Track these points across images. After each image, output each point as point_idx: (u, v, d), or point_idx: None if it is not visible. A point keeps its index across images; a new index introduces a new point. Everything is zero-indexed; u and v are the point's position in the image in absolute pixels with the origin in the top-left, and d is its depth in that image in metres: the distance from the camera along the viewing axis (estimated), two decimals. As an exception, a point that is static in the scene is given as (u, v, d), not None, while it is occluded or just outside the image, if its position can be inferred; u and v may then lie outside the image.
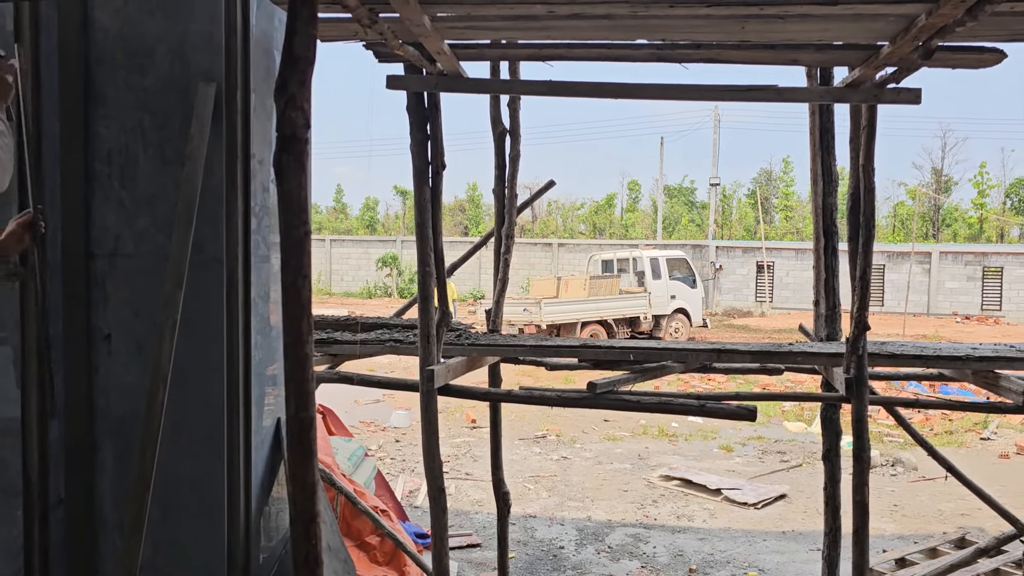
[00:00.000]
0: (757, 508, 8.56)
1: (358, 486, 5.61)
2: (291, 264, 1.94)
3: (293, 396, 1.95)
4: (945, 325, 26.39)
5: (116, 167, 2.98)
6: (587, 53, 3.27)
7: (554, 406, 3.91)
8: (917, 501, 8.78)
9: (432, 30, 2.91)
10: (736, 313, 30.13)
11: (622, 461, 10.54)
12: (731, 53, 3.18)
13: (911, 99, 3.32)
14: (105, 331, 3.00)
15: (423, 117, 3.65)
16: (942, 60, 3.03)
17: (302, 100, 1.93)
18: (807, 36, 2.96)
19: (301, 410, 1.95)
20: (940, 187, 48.24)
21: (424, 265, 3.72)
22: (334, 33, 3.04)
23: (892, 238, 41.48)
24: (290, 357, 1.95)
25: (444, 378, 3.76)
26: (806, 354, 3.89)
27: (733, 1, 2.56)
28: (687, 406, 3.64)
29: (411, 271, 34.78)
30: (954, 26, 2.56)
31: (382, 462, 10.37)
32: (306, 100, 1.94)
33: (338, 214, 57.57)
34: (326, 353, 4.17)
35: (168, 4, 2.91)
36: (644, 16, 2.72)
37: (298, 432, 1.95)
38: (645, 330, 21.40)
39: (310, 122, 1.94)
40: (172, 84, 2.93)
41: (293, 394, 1.95)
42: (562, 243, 36.05)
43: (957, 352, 3.77)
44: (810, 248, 4.37)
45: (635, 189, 57.51)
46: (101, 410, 3.00)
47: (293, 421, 1.95)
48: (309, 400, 1.96)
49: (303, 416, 1.95)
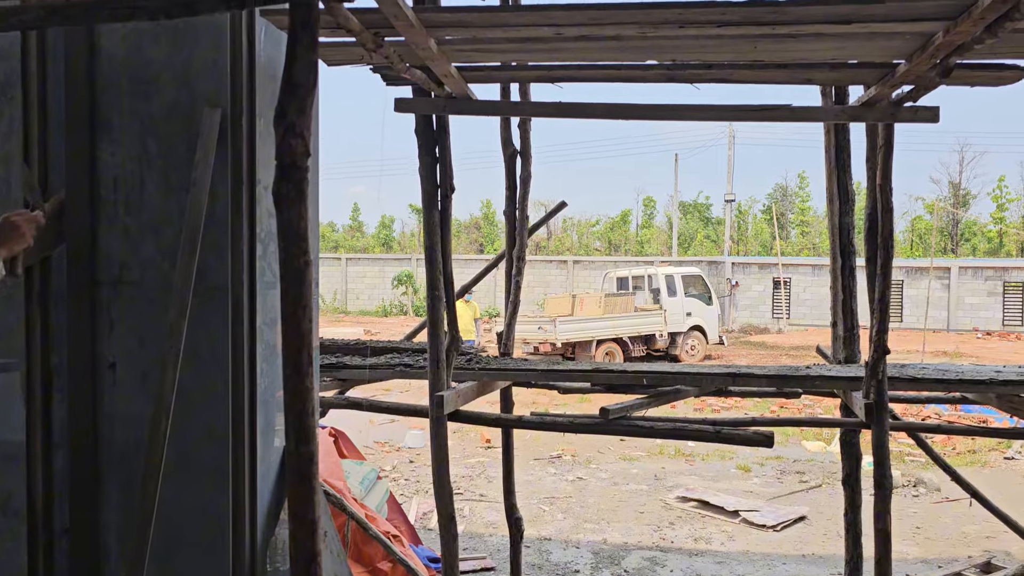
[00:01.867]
0: (776, 530, 8.40)
1: (370, 511, 5.54)
2: (291, 294, 1.90)
3: (293, 430, 1.90)
4: (966, 341, 26.05)
5: (121, 194, 2.95)
6: (597, 74, 3.23)
7: (566, 432, 3.83)
8: (940, 523, 8.59)
9: (439, 53, 2.88)
10: (753, 330, 29.89)
11: (638, 482, 10.41)
12: (743, 73, 3.12)
13: (929, 118, 3.25)
14: (110, 359, 2.97)
15: (432, 140, 3.62)
16: (960, 78, 2.96)
17: (302, 128, 1.89)
18: (821, 55, 2.90)
19: (302, 444, 1.90)
20: (958, 201, 47.84)
21: (433, 289, 3.68)
22: (340, 57, 3.02)
23: (911, 253, 41.13)
24: (290, 390, 1.90)
25: (454, 404, 3.70)
26: (824, 378, 3.80)
27: (744, 21, 2.50)
28: (702, 432, 3.56)
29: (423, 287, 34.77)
30: (972, 44, 2.50)
31: (396, 483, 10.30)
32: (306, 128, 1.90)
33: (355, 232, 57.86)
34: (335, 378, 4.12)
35: (173, 30, 2.89)
36: (654, 37, 2.67)
37: (298, 468, 1.90)
38: (661, 348, 21.24)
39: (310, 150, 1.90)
40: (177, 110, 2.91)
41: (293, 428, 1.90)
42: (577, 260, 35.97)
43: (980, 375, 3.66)
44: (827, 264, 4.30)
45: (650, 205, 57.43)
46: (105, 439, 2.96)
47: (293, 456, 1.90)
48: (310, 434, 1.91)
49: (304, 451, 1.90)
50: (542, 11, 2.48)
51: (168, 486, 2.87)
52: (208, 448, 2.93)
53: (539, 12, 2.48)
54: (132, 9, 1.91)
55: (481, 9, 2.54)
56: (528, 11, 2.50)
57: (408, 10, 2.39)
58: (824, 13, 2.44)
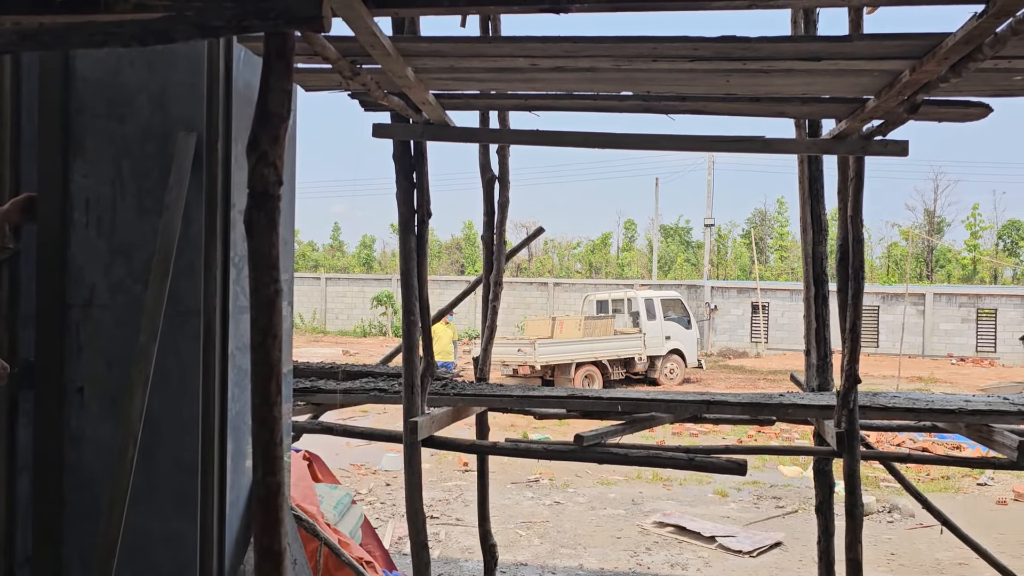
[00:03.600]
0: (752, 556, 8.40)
1: (343, 536, 5.47)
2: (260, 322, 1.89)
3: (260, 459, 1.89)
4: (940, 367, 26.31)
5: (93, 216, 2.93)
6: (573, 104, 3.26)
7: (540, 459, 3.82)
8: (914, 549, 8.63)
9: (416, 81, 2.90)
10: (731, 354, 30.02)
11: (616, 506, 10.37)
12: (717, 105, 3.16)
13: (898, 151, 3.31)
14: (78, 384, 2.93)
15: (409, 165, 3.63)
16: (928, 114, 3.02)
17: (274, 157, 1.89)
18: (792, 90, 2.95)
19: (268, 475, 1.88)
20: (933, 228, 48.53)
21: (409, 314, 3.67)
22: (318, 83, 3.03)
23: (887, 279, 41.56)
24: (258, 419, 1.89)
25: (428, 430, 3.68)
26: (797, 406, 3.83)
27: (716, 56, 2.54)
28: (676, 459, 3.56)
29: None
30: (938, 82, 2.55)
31: (371, 507, 10.19)
32: (279, 156, 1.90)
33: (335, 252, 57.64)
34: (309, 402, 4.09)
35: (149, 54, 2.89)
36: (628, 69, 2.71)
37: (265, 498, 1.88)
38: (640, 371, 21.27)
39: (282, 179, 1.90)
40: (152, 133, 2.90)
41: (260, 457, 1.88)
42: (557, 282, 36.03)
43: (949, 405, 3.70)
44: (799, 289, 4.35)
45: (631, 228, 57.70)
46: (71, 466, 2.92)
47: (260, 486, 1.88)
48: (277, 464, 1.89)
49: (270, 481, 1.88)
50: (518, 43, 2.50)
51: (135, 514, 2.82)
52: (176, 475, 2.89)
53: (515, 43, 2.51)
54: (106, 35, 1.91)
55: (458, 39, 2.56)
56: (505, 42, 2.53)
57: (385, 39, 2.40)
58: (795, 50, 2.48)
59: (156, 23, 1.91)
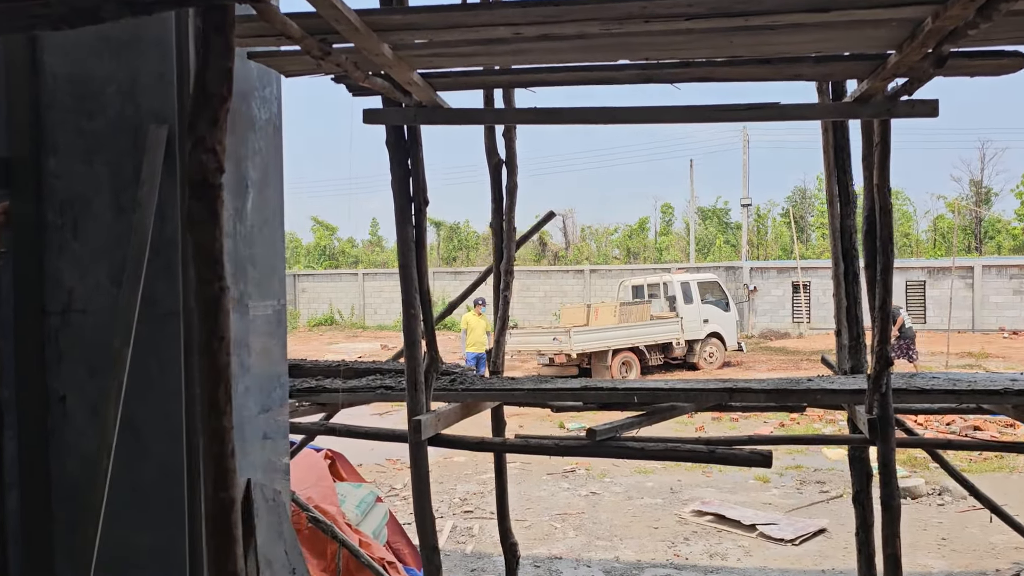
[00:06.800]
0: (795, 544, 8.12)
1: (364, 536, 5.36)
2: (206, 324, 1.73)
3: (211, 474, 1.73)
4: (992, 341, 25.46)
5: (69, 217, 2.81)
6: (567, 77, 3.05)
7: (552, 455, 3.64)
8: (967, 533, 8.26)
9: (396, 59, 2.71)
10: (773, 335, 29.45)
11: (653, 495, 10.15)
12: (724, 70, 2.92)
13: (927, 112, 3.03)
14: (60, 392, 2.82)
15: (403, 152, 3.46)
16: (957, 68, 2.75)
17: (213, 141, 1.72)
18: (804, 48, 2.70)
19: (220, 490, 1.73)
20: (980, 199, 47.05)
21: (409, 307, 3.50)
22: (297, 67, 2.86)
23: (933, 253, 40.43)
24: (207, 430, 1.73)
25: (434, 428, 3.51)
26: (826, 391, 3.58)
27: (713, 13, 2.31)
28: (696, 452, 3.34)
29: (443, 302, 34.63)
30: (965, 29, 2.29)
31: (406, 501, 10.10)
32: (218, 141, 1.73)
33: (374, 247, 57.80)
34: (314, 402, 3.95)
35: (118, 44, 2.75)
36: (619, 34, 2.49)
37: (217, 515, 1.72)
38: (679, 356, 20.91)
39: (223, 165, 1.73)
40: (123, 127, 2.76)
41: (211, 472, 1.73)
42: (594, 269, 35.68)
43: (994, 385, 3.42)
44: None
45: (668, 212, 56.87)
46: (57, 477, 2.81)
47: (211, 503, 1.73)
48: (229, 478, 1.73)
49: (223, 497, 1.72)
50: (497, 9, 2.31)
51: (121, 525, 2.71)
52: (163, 483, 2.76)
53: (493, 11, 2.31)
54: (32, 18, 1.76)
55: (431, 9, 2.37)
56: (482, 9, 2.33)
57: (350, 13, 2.22)
58: (800, 1, 2.24)
59: (84, 2, 1.75)
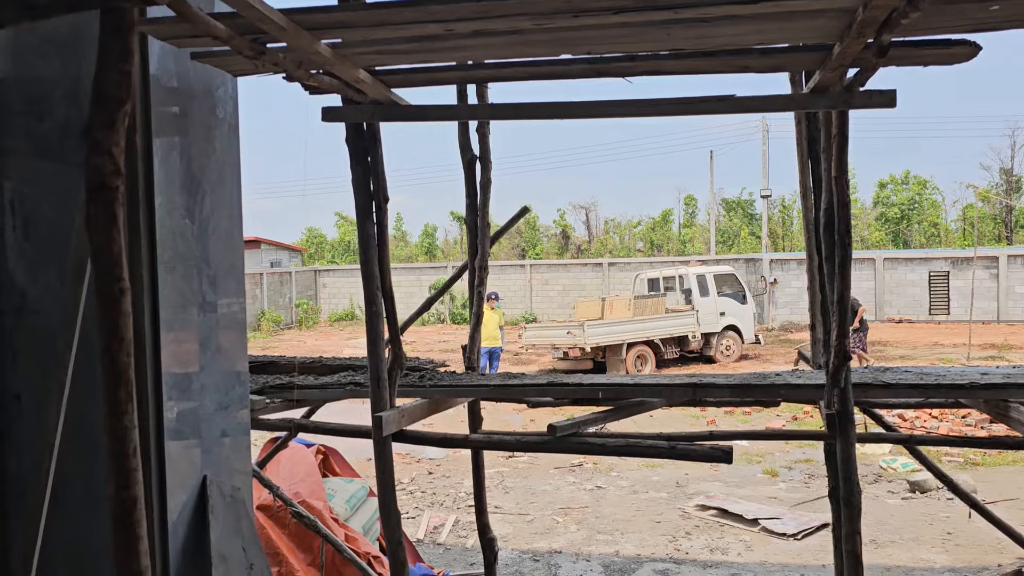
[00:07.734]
0: (797, 539, 8.05)
1: (351, 531, 5.40)
2: (107, 324, 1.75)
3: (114, 474, 1.75)
4: (1016, 333, 24.99)
5: (19, 219, 2.85)
6: (518, 72, 3.03)
7: (513, 451, 3.63)
8: (973, 528, 8.14)
9: (337, 58, 2.71)
10: (793, 327, 29.15)
11: (659, 489, 10.11)
12: (671, 64, 2.89)
13: (885, 102, 2.98)
14: (15, 391, 2.86)
15: (363, 149, 3.46)
16: (905, 57, 2.69)
17: (110, 144, 1.74)
18: (744, 40, 2.66)
19: (123, 489, 1.74)
20: (1011, 187, 46.16)
21: (371, 304, 3.51)
22: (238, 67, 2.87)
23: (962, 243, 39.79)
24: (109, 431, 1.75)
25: (397, 424, 3.52)
26: (789, 386, 3.54)
27: (643, 7, 2.29)
28: (657, 448, 3.32)
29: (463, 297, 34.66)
30: (898, 19, 2.25)
31: (412, 495, 10.16)
32: (115, 144, 1.75)
33: (398, 242, 58.05)
34: (285, 399, 3.98)
35: (63, 45, 2.78)
36: (553, 29, 2.47)
37: (121, 515, 1.74)
38: (695, 349, 20.77)
39: (121, 168, 1.75)
40: (70, 130, 2.79)
41: (114, 471, 1.75)
42: (612, 262, 35.52)
43: (961, 380, 3.35)
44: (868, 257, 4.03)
45: (691, 204, 56.50)
46: (11, 475, 2.86)
47: (114, 502, 1.75)
48: (131, 478, 1.75)
49: (125, 496, 1.74)
50: (423, 6, 2.30)
51: (75, 524, 2.76)
52: (113, 482, 2.80)
53: (419, 8, 2.30)
54: (-64, 25, 1.78)
55: (358, 7, 2.37)
56: (406, 7, 2.32)
57: (273, 12, 2.22)
58: (725, -8, 2.21)
59: (-16, 7, 1.77)
